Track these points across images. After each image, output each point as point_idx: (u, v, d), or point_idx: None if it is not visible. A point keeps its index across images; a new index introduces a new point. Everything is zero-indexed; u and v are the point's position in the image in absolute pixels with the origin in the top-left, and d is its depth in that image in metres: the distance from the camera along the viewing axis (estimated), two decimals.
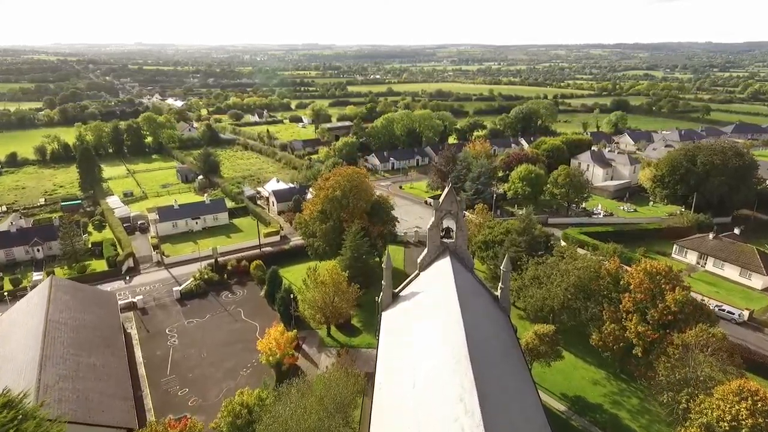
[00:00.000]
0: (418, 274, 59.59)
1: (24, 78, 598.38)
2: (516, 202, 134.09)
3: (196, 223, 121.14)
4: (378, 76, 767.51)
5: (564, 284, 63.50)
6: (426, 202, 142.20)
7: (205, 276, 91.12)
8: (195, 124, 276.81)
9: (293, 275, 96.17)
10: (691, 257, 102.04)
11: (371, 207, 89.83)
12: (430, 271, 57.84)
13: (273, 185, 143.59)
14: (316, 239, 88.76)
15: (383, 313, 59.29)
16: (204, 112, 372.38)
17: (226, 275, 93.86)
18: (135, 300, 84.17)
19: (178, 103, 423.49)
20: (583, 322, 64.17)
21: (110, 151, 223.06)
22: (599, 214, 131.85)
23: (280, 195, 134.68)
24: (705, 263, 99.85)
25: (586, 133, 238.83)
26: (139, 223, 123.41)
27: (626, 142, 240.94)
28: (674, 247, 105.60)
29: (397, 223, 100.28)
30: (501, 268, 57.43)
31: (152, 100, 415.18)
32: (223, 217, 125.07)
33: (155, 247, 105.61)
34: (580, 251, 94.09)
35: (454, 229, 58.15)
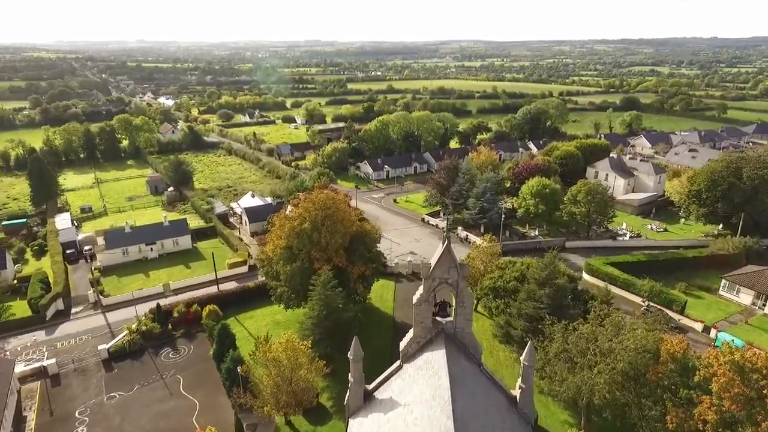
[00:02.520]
0: (401, 366, 41.30)
1: (18, 76, 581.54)
2: (527, 221, 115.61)
3: (152, 249, 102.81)
4: (379, 73, 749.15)
5: (608, 371, 45.09)
6: (423, 219, 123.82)
7: (143, 327, 72.87)
8: (179, 126, 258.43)
9: (257, 323, 78.16)
10: (745, 297, 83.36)
11: (350, 240, 71.43)
12: (417, 366, 39.50)
13: (247, 201, 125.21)
14: (280, 283, 70.52)
15: (351, 421, 41.33)
16: (195, 111, 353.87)
17: (170, 325, 75.51)
18: (46, 364, 65.84)
19: (170, 102, 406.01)
20: (634, 423, 45.81)
21: (82, 156, 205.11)
22: (625, 235, 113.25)
23: (253, 213, 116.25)
24: (765, 305, 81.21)
25: (600, 136, 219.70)
26: (85, 248, 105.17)
27: (642, 144, 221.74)
28: (722, 282, 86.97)
29: (384, 258, 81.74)
30: (522, 360, 39.30)
31: (136, 99, 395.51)
32: (184, 242, 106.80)
33: (93, 282, 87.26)
34: (613, 291, 75.95)
35: (453, 304, 39.95)
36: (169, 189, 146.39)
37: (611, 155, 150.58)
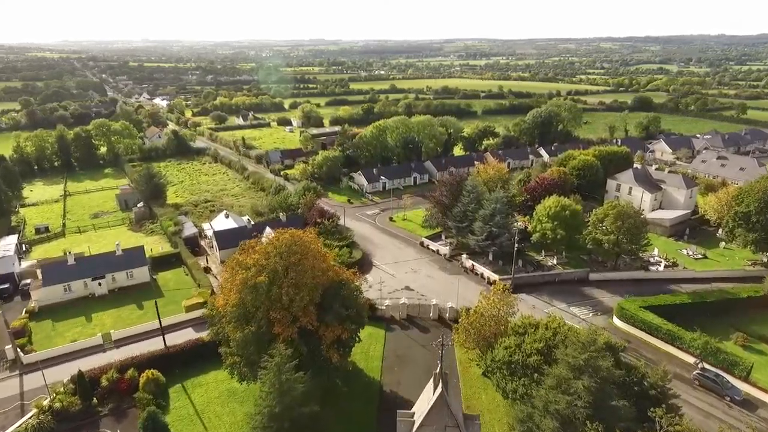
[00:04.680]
0: None
1: (17, 76, 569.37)
2: (543, 246, 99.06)
3: (100, 284, 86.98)
4: (383, 72, 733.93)
5: None
6: (422, 243, 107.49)
7: (57, 404, 57.04)
8: (166, 130, 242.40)
9: (208, 393, 62.14)
10: None
11: (323, 293, 55.38)
12: None
13: (220, 222, 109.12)
14: (231, 350, 54.59)
15: None
16: (189, 113, 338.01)
17: (96, 398, 59.53)
18: None
19: (164, 103, 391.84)
20: None
21: (56, 164, 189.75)
22: (658, 263, 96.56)
23: (224, 238, 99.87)
24: None
25: (616, 140, 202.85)
26: (22, 283, 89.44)
27: (662, 149, 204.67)
28: None
29: (369, 299, 65.46)
30: None
31: (121, 102, 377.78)
32: (140, 274, 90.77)
33: (14, 332, 71.30)
34: (652, 342, 59.45)
35: None
36: (139, 204, 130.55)
37: (635, 166, 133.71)
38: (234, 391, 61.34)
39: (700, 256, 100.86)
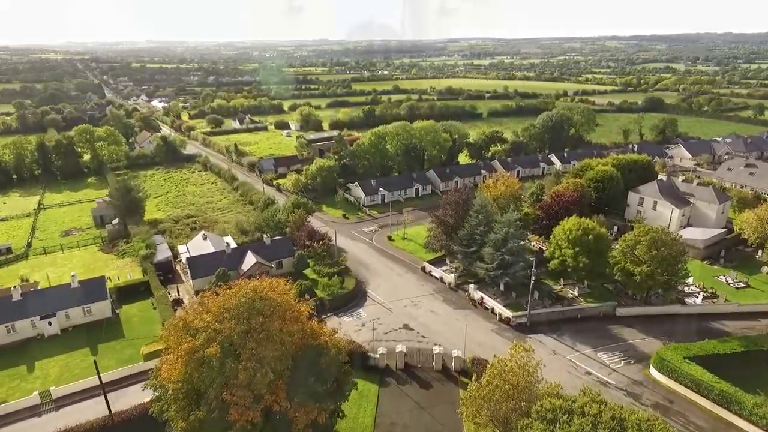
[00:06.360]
0: None
1: (17, 78, 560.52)
2: (563, 274, 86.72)
3: (50, 323, 75.18)
4: (386, 72, 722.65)
5: None
6: (423, 269, 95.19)
7: None
8: (155, 135, 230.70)
9: None
10: None
11: (294, 361, 43.37)
12: None
13: (196, 245, 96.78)
14: None
15: None
16: (185, 116, 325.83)
17: None
18: None
19: (161, 105, 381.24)
20: None
21: (36, 173, 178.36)
22: (696, 295, 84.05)
23: (198, 265, 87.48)
24: None
25: (632, 146, 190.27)
26: None
27: (681, 155, 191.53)
28: None
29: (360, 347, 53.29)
30: None
31: (111, 106, 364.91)
32: (100, 309, 78.85)
33: None
34: (700, 403, 46.83)
35: None
36: (114, 221, 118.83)
37: (659, 177, 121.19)
38: None
39: (742, 285, 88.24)
